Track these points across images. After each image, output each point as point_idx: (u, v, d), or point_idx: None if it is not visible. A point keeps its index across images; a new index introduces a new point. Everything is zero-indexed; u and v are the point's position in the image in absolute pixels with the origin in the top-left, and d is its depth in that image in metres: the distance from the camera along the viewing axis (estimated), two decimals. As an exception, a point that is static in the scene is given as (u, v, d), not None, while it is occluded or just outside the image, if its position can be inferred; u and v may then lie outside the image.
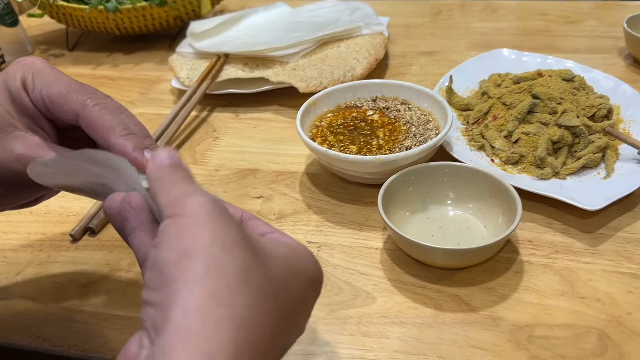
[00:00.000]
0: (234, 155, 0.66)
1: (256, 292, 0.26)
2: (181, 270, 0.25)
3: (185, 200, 0.28)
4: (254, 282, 0.26)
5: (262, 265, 0.28)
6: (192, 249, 0.26)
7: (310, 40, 0.77)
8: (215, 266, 0.26)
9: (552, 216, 0.53)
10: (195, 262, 0.26)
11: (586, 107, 0.59)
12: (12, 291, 0.50)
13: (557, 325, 0.43)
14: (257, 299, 0.26)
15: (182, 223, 0.27)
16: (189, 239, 0.26)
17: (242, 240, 0.27)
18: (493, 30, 0.90)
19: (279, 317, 0.27)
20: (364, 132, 0.59)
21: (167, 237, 0.27)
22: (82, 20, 0.90)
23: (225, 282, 0.25)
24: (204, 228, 0.27)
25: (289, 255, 0.30)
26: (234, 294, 0.25)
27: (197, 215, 0.27)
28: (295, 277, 0.30)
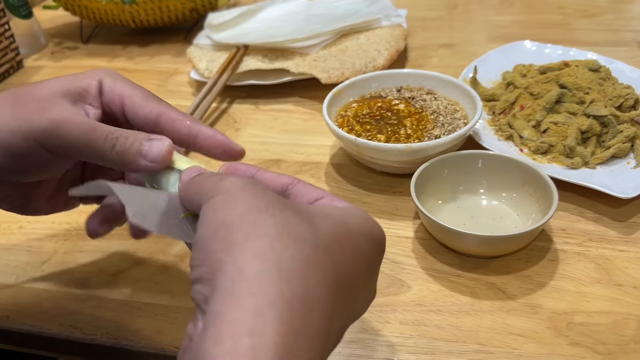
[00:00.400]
0: (257, 146, 0.65)
1: (302, 245, 0.25)
2: (220, 240, 0.25)
3: (218, 184, 0.29)
4: (298, 235, 0.26)
5: (307, 221, 0.27)
6: (228, 219, 0.26)
7: (330, 31, 0.76)
8: (253, 228, 0.25)
9: (584, 205, 0.52)
10: (233, 230, 0.25)
11: (613, 97, 0.59)
12: (39, 280, 0.49)
13: (596, 312, 0.43)
14: (304, 251, 0.25)
15: (217, 201, 0.27)
16: (223, 211, 0.27)
17: (279, 203, 0.27)
18: (511, 23, 0.89)
19: (335, 273, 0.26)
20: (391, 121, 0.59)
21: (205, 216, 0.27)
22: (97, 13, 0.90)
23: (266, 240, 0.25)
24: (238, 199, 0.27)
25: (340, 214, 0.29)
26: (276, 248, 0.25)
27: (229, 190, 0.28)
28: (350, 235, 0.28)
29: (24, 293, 0.48)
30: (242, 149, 0.37)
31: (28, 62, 0.90)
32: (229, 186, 0.28)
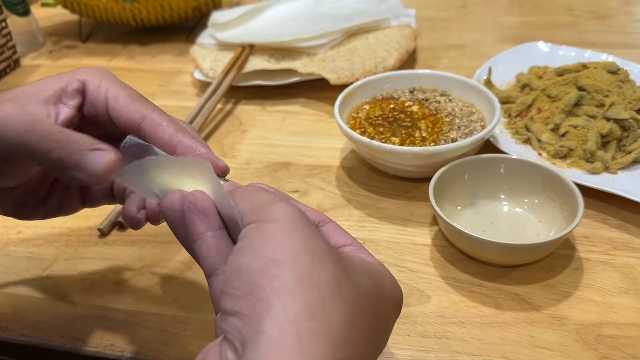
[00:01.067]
0: (264, 148, 0.63)
1: (347, 307, 0.24)
2: (270, 278, 0.24)
3: (269, 206, 0.27)
4: (345, 296, 0.25)
5: (352, 280, 0.26)
6: (281, 257, 0.24)
7: (338, 31, 0.74)
8: (307, 276, 0.24)
9: (606, 212, 0.51)
10: (285, 270, 0.24)
11: (633, 100, 0.57)
12: (39, 288, 0.47)
13: (625, 324, 0.41)
14: (349, 314, 0.24)
15: (268, 229, 0.26)
16: (276, 246, 0.25)
17: (330, 253, 0.26)
18: (521, 24, 0.87)
19: (368, 337, 0.26)
20: (405, 123, 0.57)
21: (252, 242, 0.26)
22: (97, 11, 0.87)
23: (317, 294, 0.24)
24: (292, 236, 0.25)
25: (374, 274, 0.29)
26: (327, 307, 0.23)
27: (283, 222, 0.26)
28: (381, 297, 0.28)
29: (23, 302, 0.46)
30: (226, 165, 0.35)
31: (25, 61, 0.88)
32: (281, 215, 0.26)
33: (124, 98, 0.34)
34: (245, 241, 0.26)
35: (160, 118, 0.34)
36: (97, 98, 0.35)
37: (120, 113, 0.34)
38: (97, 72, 0.36)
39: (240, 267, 0.25)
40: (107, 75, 0.36)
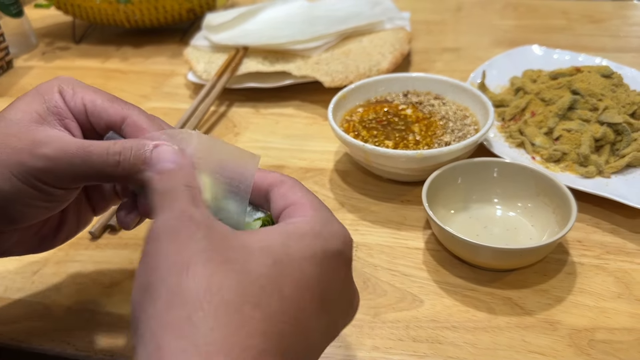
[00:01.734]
0: (258, 151, 0.61)
1: (225, 310, 0.24)
2: (144, 310, 0.24)
3: (156, 219, 0.28)
4: (220, 297, 0.24)
5: (237, 271, 0.25)
6: (151, 280, 0.25)
7: (332, 33, 0.74)
8: (172, 296, 0.24)
9: (599, 216, 0.51)
10: (154, 296, 0.24)
11: (626, 104, 0.57)
12: (29, 292, 0.46)
13: (618, 328, 0.41)
14: (226, 317, 0.23)
15: (146, 251, 0.26)
16: (148, 271, 0.25)
17: (205, 252, 0.25)
18: (516, 28, 0.88)
19: (270, 324, 0.24)
20: (399, 127, 0.57)
21: (137, 272, 0.26)
22: (90, 12, 0.87)
23: (184, 312, 0.23)
24: (162, 253, 0.25)
25: (285, 242, 0.27)
26: (195, 321, 0.23)
27: (158, 237, 0.26)
28: (292, 268, 0.26)
29: (13, 306, 0.45)
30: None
31: (18, 62, 0.87)
32: (159, 231, 0.27)
33: (102, 101, 0.34)
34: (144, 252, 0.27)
35: (141, 119, 0.34)
36: (76, 106, 0.34)
37: (101, 116, 0.34)
38: (65, 81, 0.35)
39: (132, 299, 0.26)
40: (78, 83, 0.36)
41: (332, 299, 0.28)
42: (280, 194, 0.31)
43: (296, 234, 0.28)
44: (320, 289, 0.27)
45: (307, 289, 0.27)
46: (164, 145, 0.31)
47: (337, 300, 0.29)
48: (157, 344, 0.23)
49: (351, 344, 0.40)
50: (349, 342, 0.40)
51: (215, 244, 0.26)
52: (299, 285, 0.26)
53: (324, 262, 0.28)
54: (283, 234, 0.28)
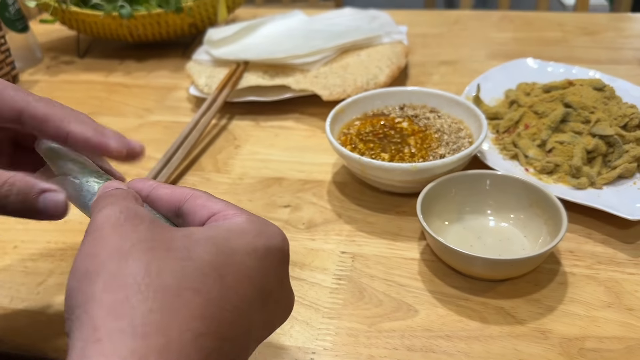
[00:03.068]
0: (257, 163, 0.64)
1: (163, 293, 0.24)
2: (82, 293, 0.25)
3: (95, 216, 0.28)
4: (160, 281, 0.25)
5: (179, 258, 0.26)
6: (91, 267, 0.25)
7: (330, 48, 0.76)
8: (111, 279, 0.24)
9: (591, 226, 0.52)
10: (93, 280, 0.25)
11: (618, 116, 0.58)
12: (33, 302, 0.48)
13: (608, 337, 0.42)
14: (165, 300, 0.24)
15: (85, 244, 0.27)
16: (88, 259, 0.26)
17: (147, 242, 0.26)
18: (511, 41, 0.89)
19: (210, 309, 0.25)
20: (395, 139, 0.58)
21: (74, 262, 0.27)
22: (94, 27, 0.89)
23: (122, 293, 0.24)
24: (105, 241, 0.26)
25: (226, 236, 0.28)
26: (133, 302, 0.24)
27: (101, 228, 0.27)
28: (233, 259, 0.27)
29: (19, 316, 0.46)
30: (118, 147, 0.35)
31: (24, 77, 0.89)
32: (102, 222, 0.28)
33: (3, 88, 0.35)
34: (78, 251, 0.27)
35: (43, 107, 0.35)
36: None
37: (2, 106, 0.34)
38: None
39: (66, 291, 0.26)
40: None
41: (272, 294, 0.29)
42: (199, 204, 0.31)
43: (238, 231, 0.29)
44: (262, 283, 0.28)
45: (249, 280, 0.27)
46: (51, 193, 0.33)
47: (276, 296, 0.30)
48: (93, 325, 0.23)
49: (347, 353, 0.41)
50: (346, 352, 0.41)
51: (158, 234, 0.27)
52: (241, 277, 0.27)
53: (266, 258, 0.29)
54: (225, 230, 0.29)
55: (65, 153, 0.36)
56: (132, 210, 0.28)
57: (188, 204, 0.32)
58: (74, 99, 0.81)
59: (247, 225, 0.30)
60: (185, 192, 0.32)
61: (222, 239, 0.28)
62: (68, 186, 0.35)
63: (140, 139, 0.69)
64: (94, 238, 0.27)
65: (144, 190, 0.33)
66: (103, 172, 0.36)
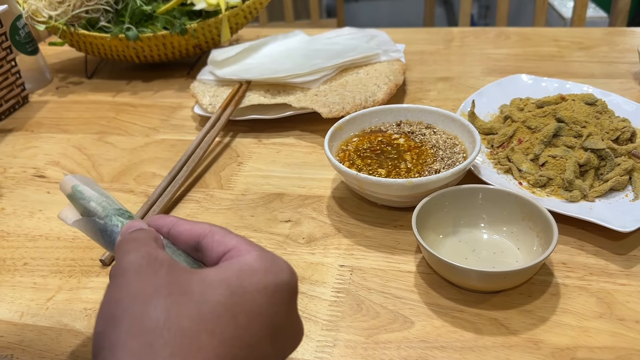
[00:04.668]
0: (259, 179, 0.66)
1: (182, 337, 0.26)
2: (107, 337, 0.27)
3: (121, 260, 0.31)
4: (179, 325, 0.27)
5: (195, 301, 0.28)
6: (117, 312, 0.28)
7: (330, 67, 0.78)
8: (135, 323, 0.27)
9: (584, 238, 0.53)
10: (118, 324, 0.27)
11: (610, 130, 0.60)
12: (42, 317, 0.49)
13: (599, 347, 0.43)
14: (183, 344, 0.26)
15: (111, 288, 0.29)
16: (113, 304, 0.28)
17: (168, 286, 0.28)
18: (507, 57, 0.91)
19: (225, 349, 0.27)
20: (391, 155, 0.60)
21: (101, 305, 0.29)
22: (102, 49, 0.91)
23: (144, 339, 0.26)
24: (129, 285, 0.29)
25: (238, 275, 0.30)
26: (155, 347, 0.26)
27: (125, 272, 0.30)
28: (245, 298, 0.29)
29: (28, 331, 0.48)
30: None
31: (33, 97, 0.92)
32: (125, 268, 0.30)
33: None
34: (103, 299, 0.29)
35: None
36: None
37: None
38: None
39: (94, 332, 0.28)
40: None
41: (281, 327, 0.31)
42: (215, 241, 0.34)
43: (248, 270, 0.31)
44: (271, 318, 0.30)
45: (259, 317, 0.29)
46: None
47: (285, 328, 0.32)
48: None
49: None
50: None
51: (176, 278, 0.29)
52: (252, 315, 0.29)
53: (275, 294, 0.31)
54: (236, 270, 0.31)
55: (88, 194, 0.39)
56: (152, 255, 0.31)
57: (206, 240, 0.34)
58: (83, 119, 0.83)
59: (257, 263, 0.31)
60: (204, 228, 0.35)
61: (235, 278, 0.30)
62: (93, 227, 0.38)
63: (147, 157, 0.71)
64: (118, 284, 0.29)
65: (165, 227, 0.36)
66: (125, 210, 0.39)
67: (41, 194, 0.66)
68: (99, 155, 0.73)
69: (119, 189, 0.66)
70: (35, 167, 0.72)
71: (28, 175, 0.70)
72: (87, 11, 0.89)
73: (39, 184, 0.68)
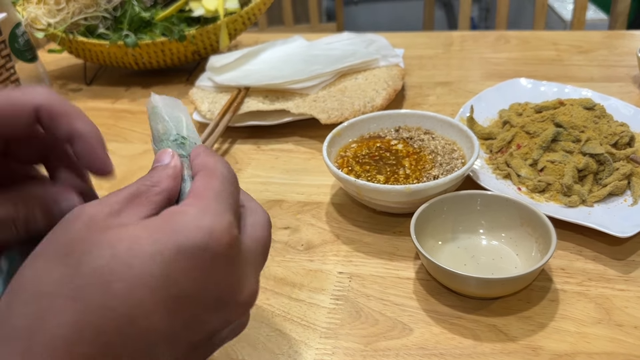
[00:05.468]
0: (258, 186, 0.66)
1: (39, 298, 0.26)
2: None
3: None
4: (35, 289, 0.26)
5: (64, 267, 0.26)
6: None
7: (329, 72, 0.78)
8: (12, 286, 0.26)
9: (582, 244, 0.53)
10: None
11: (608, 134, 0.60)
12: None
13: (597, 353, 0.43)
14: (39, 306, 0.25)
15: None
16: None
17: (53, 245, 0.27)
18: (507, 61, 0.91)
19: (94, 314, 0.25)
20: (390, 161, 0.60)
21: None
22: (100, 56, 0.92)
23: (9, 297, 0.26)
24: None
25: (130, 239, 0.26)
26: (12, 309, 0.26)
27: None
28: (129, 264, 0.26)
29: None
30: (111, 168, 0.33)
31: (33, 105, 0.92)
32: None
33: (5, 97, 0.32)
34: None
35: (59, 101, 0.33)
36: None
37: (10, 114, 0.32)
38: None
39: None
40: None
41: (190, 298, 0.27)
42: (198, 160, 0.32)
43: (153, 228, 0.27)
44: (166, 289, 0.26)
45: (146, 286, 0.26)
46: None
47: (201, 300, 0.27)
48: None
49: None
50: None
51: (75, 238, 0.27)
52: (136, 283, 0.25)
53: (176, 261, 0.26)
54: (141, 228, 0.27)
55: (161, 116, 0.36)
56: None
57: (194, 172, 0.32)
58: (82, 126, 0.83)
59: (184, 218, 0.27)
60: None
61: (128, 241, 0.26)
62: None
63: (146, 164, 0.71)
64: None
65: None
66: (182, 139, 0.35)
67: (40, 202, 0.66)
68: (98, 162, 0.73)
69: (118, 196, 0.66)
70: (34, 175, 0.72)
71: (27, 183, 0.70)
72: (86, 18, 0.89)
73: (38, 192, 0.68)
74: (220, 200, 0.29)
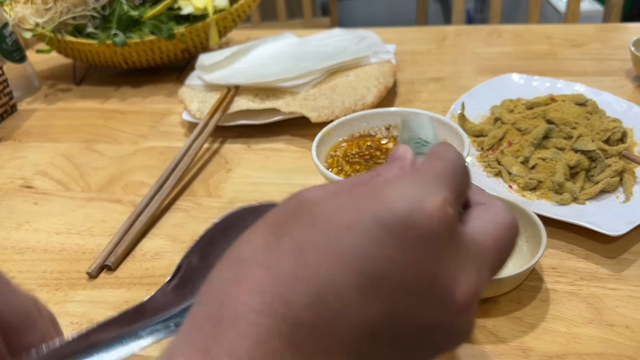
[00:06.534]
0: (248, 187, 0.65)
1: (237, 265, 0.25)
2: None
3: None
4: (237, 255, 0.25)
5: (265, 235, 0.25)
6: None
7: (319, 70, 0.77)
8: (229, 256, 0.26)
9: (574, 242, 0.52)
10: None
11: (600, 131, 0.59)
12: (30, 333, 0.49)
13: (588, 354, 0.42)
14: (234, 272, 0.25)
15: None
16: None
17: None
18: (500, 55, 0.90)
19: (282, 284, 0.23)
20: (380, 161, 0.59)
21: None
22: (89, 55, 0.91)
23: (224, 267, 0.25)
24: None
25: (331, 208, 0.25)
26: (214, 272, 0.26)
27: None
28: (325, 233, 0.24)
29: (14, 347, 0.48)
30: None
31: (22, 105, 0.91)
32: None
33: None
34: None
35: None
36: None
37: None
38: None
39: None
40: None
41: (387, 282, 0.23)
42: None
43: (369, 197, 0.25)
44: (360, 264, 0.23)
45: (340, 260, 0.23)
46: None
47: (396, 285, 0.23)
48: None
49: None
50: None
51: (288, 209, 0.26)
52: (329, 254, 0.23)
53: (375, 232, 0.23)
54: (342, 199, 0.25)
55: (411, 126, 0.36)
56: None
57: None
58: (71, 127, 0.83)
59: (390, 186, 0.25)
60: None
61: (330, 210, 0.24)
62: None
63: (135, 165, 0.71)
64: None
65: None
66: (424, 142, 0.34)
67: (29, 205, 0.66)
68: (87, 164, 0.73)
69: (107, 198, 0.65)
70: (23, 178, 0.71)
71: (16, 186, 0.70)
72: (74, 18, 0.88)
73: (26, 195, 0.68)
74: (440, 178, 0.26)
